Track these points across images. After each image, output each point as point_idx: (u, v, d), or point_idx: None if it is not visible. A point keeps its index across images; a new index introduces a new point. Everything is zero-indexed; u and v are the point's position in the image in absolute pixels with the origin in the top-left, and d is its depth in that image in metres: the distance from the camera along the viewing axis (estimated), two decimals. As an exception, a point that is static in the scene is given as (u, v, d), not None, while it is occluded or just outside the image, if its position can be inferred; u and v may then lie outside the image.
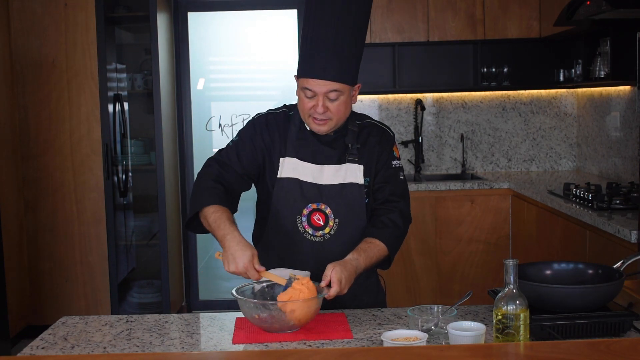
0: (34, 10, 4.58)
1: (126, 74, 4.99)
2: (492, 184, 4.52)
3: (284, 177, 2.14)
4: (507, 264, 1.57)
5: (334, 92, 2.05)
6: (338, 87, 2.04)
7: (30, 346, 1.79)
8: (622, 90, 4.26)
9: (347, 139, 2.17)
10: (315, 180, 2.14)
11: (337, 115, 2.09)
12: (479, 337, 1.58)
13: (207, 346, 1.80)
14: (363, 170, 2.16)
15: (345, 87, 2.07)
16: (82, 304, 4.72)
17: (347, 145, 2.16)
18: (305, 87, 2.06)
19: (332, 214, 2.13)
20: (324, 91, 2.04)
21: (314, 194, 2.12)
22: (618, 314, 1.71)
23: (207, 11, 5.41)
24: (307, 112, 2.09)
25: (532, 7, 4.76)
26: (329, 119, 2.09)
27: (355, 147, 2.16)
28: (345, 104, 2.09)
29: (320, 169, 2.15)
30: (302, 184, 2.13)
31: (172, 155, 4.97)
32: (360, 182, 2.15)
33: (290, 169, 2.14)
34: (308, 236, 2.13)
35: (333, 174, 2.15)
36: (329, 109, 2.07)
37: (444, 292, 4.50)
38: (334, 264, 1.95)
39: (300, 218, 2.12)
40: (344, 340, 1.77)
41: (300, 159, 2.15)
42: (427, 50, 5.05)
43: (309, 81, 2.05)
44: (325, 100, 2.05)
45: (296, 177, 2.14)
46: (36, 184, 4.67)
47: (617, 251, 2.91)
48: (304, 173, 2.14)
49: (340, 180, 2.14)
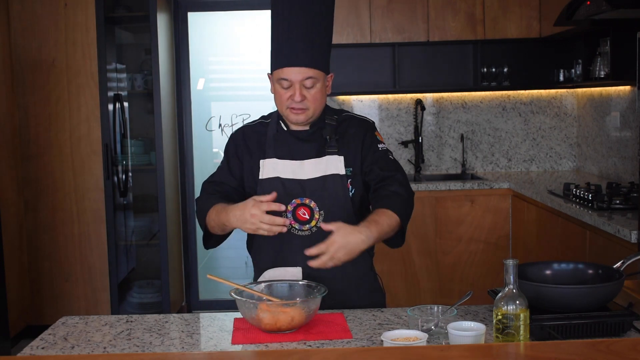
0: (34, 10, 4.58)
1: (126, 74, 4.98)
2: (492, 184, 4.52)
3: (265, 178, 2.17)
4: (507, 264, 1.57)
5: (309, 79, 2.10)
6: (313, 74, 2.10)
7: (30, 346, 1.79)
8: (622, 90, 4.26)
9: (325, 132, 2.20)
10: (296, 176, 2.16)
11: (314, 103, 2.13)
12: (479, 337, 1.58)
13: (207, 346, 1.80)
14: (344, 160, 2.18)
15: (320, 74, 2.12)
16: (82, 304, 4.72)
17: (326, 138, 2.19)
18: (281, 77, 2.11)
19: (317, 207, 2.14)
20: (300, 79, 2.10)
21: (297, 189, 2.14)
22: (618, 314, 1.71)
23: (207, 11, 5.41)
24: (285, 103, 2.14)
25: (532, 7, 4.76)
26: (306, 108, 2.13)
27: (334, 139, 2.19)
28: (321, 92, 2.14)
29: (300, 165, 2.17)
30: (284, 181, 2.15)
31: (172, 155, 4.97)
32: (341, 173, 2.17)
33: (270, 169, 2.18)
34: (295, 231, 2.14)
35: (313, 168, 2.17)
36: (306, 97, 2.11)
37: (444, 292, 4.50)
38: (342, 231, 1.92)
39: (286, 214, 2.13)
40: (343, 340, 1.77)
41: (279, 158, 2.18)
42: (427, 50, 5.05)
43: (284, 71, 2.10)
44: (302, 88, 2.11)
45: (277, 176, 2.16)
46: (36, 184, 4.67)
47: (617, 251, 2.91)
48: (284, 171, 2.17)
49: (322, 173, 2.16)
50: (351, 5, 4.79)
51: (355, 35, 4.81)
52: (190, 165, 5.27)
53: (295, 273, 2.14)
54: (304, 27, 2.10)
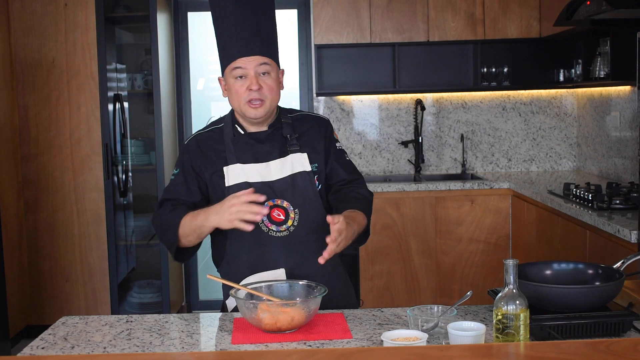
0: (34, 10, 4.58)
1: (126, 74, 4.99)
2: (492, 184, 4.52)
3: (232, 184, 2.14)
4: (507, 264, 1.57)
5: (264, 66, 2.12)
6: (267, 61, 2.13)
7: (30, 346, 1.79)
8: (622, 90, 4.26)
9: (284, 131, 2.21)
10: (264, 179, 2.15)
11: (271, 94, 2.14)
12: (479, 337, 1.58)
13: (207, 346, 1.80)
14: (307, 157, 2.19)
15: (273, 64, 2.15)
16: (82, 304, 4.72)
17: (286, 137, 2.20)
18: (237, 67, 2.12)
19: (291, 206, 2.14)
20: (254, 66, 2.12)
21: (267, 192, 2.11)
22: (618, 314, 1.71)
23: (207, 11, 5.40)
24: (242, 97, 2.14)
25: (532, 7, 4.76)
26: (264, 99, 2.13)
27: (294, 137, 2.20)
28: (276, 82, 2.16)
29: (266, 167, 2.16)
30: (252, 185, 2.12)
31: (172, 155, 4.97)
32: (308, 169, 2.18)
33: (236, 175, 2.14)
34: (273, 233, 2.13)
35: (280, 168, 2.16)
36: (262, 87, 2.12)
37: (444, 292, 4.50)
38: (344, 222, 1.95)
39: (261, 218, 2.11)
40: (343, 340, 1.77)
41: (243, 163, 2.16)
42: (427, 50, 5.05)
43: (238, 61, 2.12)
44: (258, 77, 2.12)
45: (244, 181, 2.13)
46: (36, 184, 4.67)
47: (617, 251, 2.91)
48: (251, 175, 2.14)
49: (289, 172, 2.16)
50: (351, 5, 4.79)
51: (355, 35, 4.81)
52: (190, 165, 5.25)
53: (279, 275, 2.13)
54: (250, 19, 2.12)
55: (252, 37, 2.11)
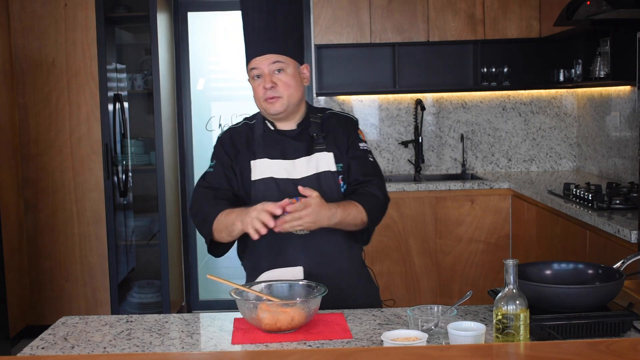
0: (34, 10, 4.58)
1: (126, 74, 4.99)
2: (492, 184, 4.52)
3: (258, 179, 2.17)
4: (507, 264, 1.57)
5: (277, 64, 2.14)
6: (280, 59, 2.13)
7: (30, 346, 1.79)
8: (622, 90, 4.26)
9: (311, 129, 2.21)
10: (289, 176, 2.16)
11: (287, 90, 2.15)
12: (479, 337, 1.58)
13: (207, 346, 1.80)
14: (333, 157, 2.19)
15: (289, 60, 2.15)
16: (82, 304, 4.72)
17: (313, 136, 2.20)
18: (252, 67, 2.15)
19: None
20: (267, 64, 2.13)
21: (291, 189, 2.13)
22: (618, 314, 1.71)
23: (207, 11, 5.41)
24: (261, 96, 2.16)
25: (532, 7, 4.76)
26: (279, 96, 2.14)
27: (321, 136, 2.20)
28: (293, 78, 2.16)
29: (292, 164, 2.18)
30: (278, 181, 2.15)
31: (172, 155, 4.97)
32: (333, 170, 2.18)
33: (262, 170, 2.17)
34: (294, 231, 2.13)
35: (305, 166, 2.17)
36: (277, 84, 2.13)
37: (444, 292, 4.50)
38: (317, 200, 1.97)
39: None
40: (343, 340, 1.77)
41: (270, 158, 2.18)
42: (427, 50, 5.05)
43: (253, 62, 2.15)
44: (272, 75, 2.14)
45: (270, 176, 2.16)
46: (36, 184, 4.67)
47: (617, 251, 2.91)
48: (277, 171, 2.17)
49: (314, 171, 2.17)
50: (351, 5, 4.79)
51: (355, 35, 4.81)
52: (190, 165, 5.27)
53: (296, 273, 2.14)
54: (267, 18, 2.14)
55: (265, 36, 2.14)
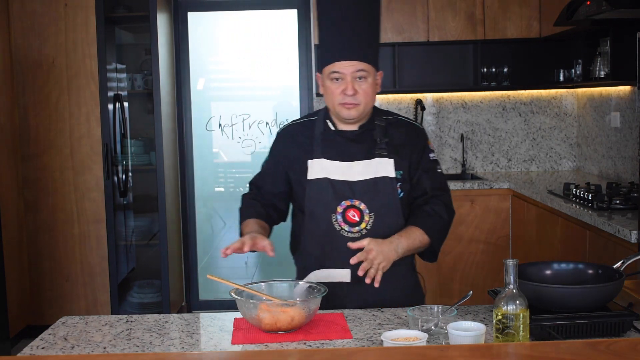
0: (34, 10, 4.58)
1: (126, 74, 4.99)
2: (492, 184, 4.52)
3: (313, 179, 2.16)
4: (507, 264, 1.57)
5: (360, 72, 2.11)
6: (364, 67, 2.12)
7: (30, 346, 1.79)
8: (622, 90, 4.26)
9: (375, 133, 2.19)
10: (345, 177, 2.15)
11: (366, 98, 2.13)
12: (479, 337, 1.58)
13: (207, 346, 1.80)
14: (394, 163, 2.17)
15: (370, 68, 2.14)
16: (82, 304, 4.71)
17: (375, 140, 2.18)
18: (333, 70, 2.12)
19: (367, 209, 2.13)
20: (351, 71, 2.11)
21: (346, 191, 2.13)
22: (618, 314, 1.71)
23: (207, 11, 5.40)
24: (337, 99, 2.13)
25: (532, 7, 4.76)
26: (358, 103, 2.12)
27: (384, 142, 2.17)
28: (372, 87, 2.15)
29: (349, 166, 2.16)
30: (333, 182, 2.14)
31: (172, 155, 4.97)
32: (392, 176, 2.16)
33: (319, 170, 2.16)
34: (345, 233, 2.13)
35: (363, 170, 2.16)
36: (358, 92, 2.11)
37: (444, 292, 4.50)
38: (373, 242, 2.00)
39: (335, 216, 2.13)
40: (343, 340, 1.77)
41: (328, 159, 2.17)
42: (427, 50, 5.05)
43: (335, 65, 2.11)
44: (354, 81, 2.11)
45: (326, 177, 2.15)
46: (36, 184, 4.67)
47: (617, 251, 2.91)
48: (333, 171, 2.16)
49: (372, 175, 2.15)
50: (351, 5, 4.78)
51: (355, 35, 4.80)
52: (190, 165, 5.26)
53: (344, 275, 2.14)
54: (352, 22, 2.12)
55: (353, 42, 2.12)
